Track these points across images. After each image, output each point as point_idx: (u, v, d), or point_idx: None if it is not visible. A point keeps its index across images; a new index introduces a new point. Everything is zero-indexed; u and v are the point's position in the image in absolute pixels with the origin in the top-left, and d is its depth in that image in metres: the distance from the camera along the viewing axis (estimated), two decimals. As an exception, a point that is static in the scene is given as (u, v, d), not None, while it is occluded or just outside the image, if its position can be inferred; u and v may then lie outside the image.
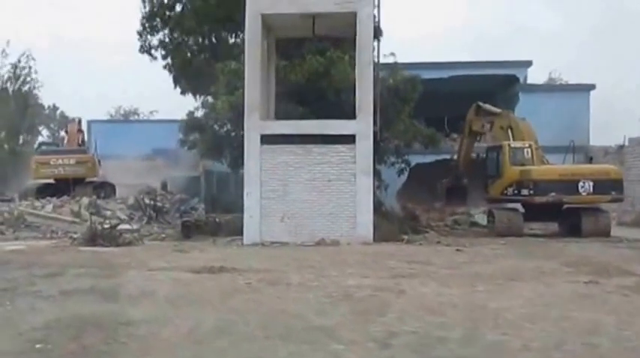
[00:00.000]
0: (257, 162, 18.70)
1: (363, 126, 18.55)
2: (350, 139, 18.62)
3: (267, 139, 18.81)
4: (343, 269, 12.35)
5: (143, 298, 9.28)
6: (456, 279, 10.87)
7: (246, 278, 11.03)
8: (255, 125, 18.84)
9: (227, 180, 36.44)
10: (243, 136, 20.63)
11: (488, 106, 25.02)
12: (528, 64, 37.27)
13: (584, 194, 20.22)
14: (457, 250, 16.04)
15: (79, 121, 35.56)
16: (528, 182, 20.88)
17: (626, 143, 29.48)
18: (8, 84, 42.26)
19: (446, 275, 11.37)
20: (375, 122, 18.93)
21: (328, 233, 18.20)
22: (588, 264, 12.71)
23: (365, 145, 18.52)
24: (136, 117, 66.21)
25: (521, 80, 36.39)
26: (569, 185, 20.26)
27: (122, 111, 67.06)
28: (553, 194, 20.30)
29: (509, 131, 23.03)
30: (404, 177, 28.33)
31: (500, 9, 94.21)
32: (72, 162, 29.45)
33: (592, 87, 35.88)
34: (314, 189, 18.53)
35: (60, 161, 29.43)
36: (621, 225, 24.60)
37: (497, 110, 24.89)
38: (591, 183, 20.18)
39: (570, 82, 45.57)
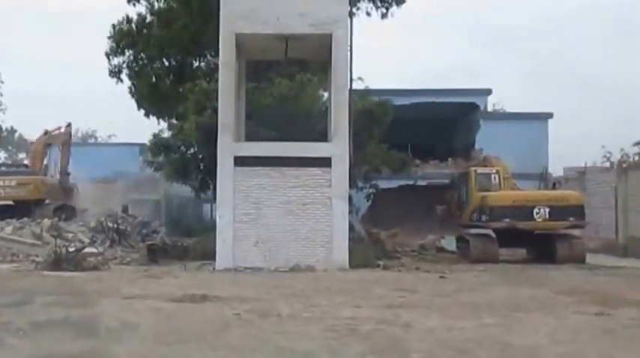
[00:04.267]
0: (230, 184, 17.99)
1: (339, 149, 18.14)
2: (324, 162, 18.13)
3: (240, 161, 18.16)
4: (330, 298, 11.80)
5: (125, 332, 8.55)
6: (456, 310, 10.41)
7: (232, 309, 10.37)
8: (228, 146, 18.19)
9: (186, 203, 35.98)
10: (210, 158, 20.00)
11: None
12: (488, 92, 38.05)
13: (539, 220, 19.96)
14: (441, 277, 15.64)
15: (69, 125, 31.97)
16: (485, 208, 20.72)
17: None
18: None
19: (443, 305, 10.90)
20: (349, 146, 18.53)
21: (303, 258, 17.61)
22: (584, 293, 12.37)
23: (341, 169, 18.07)
24: (94, 140, 66.15)
25: (482, 108, 37.16)
26: (524, 211, 19.99)
27: (80, 135, 66.17)
28: (507, 220, 20.03)
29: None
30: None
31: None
32: (12, 183, 28.31)
33: (550, 115, 36.63)
34: (289, 213, 17.92)
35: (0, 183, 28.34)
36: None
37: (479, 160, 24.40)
38: (547, 209, 19.96)
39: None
